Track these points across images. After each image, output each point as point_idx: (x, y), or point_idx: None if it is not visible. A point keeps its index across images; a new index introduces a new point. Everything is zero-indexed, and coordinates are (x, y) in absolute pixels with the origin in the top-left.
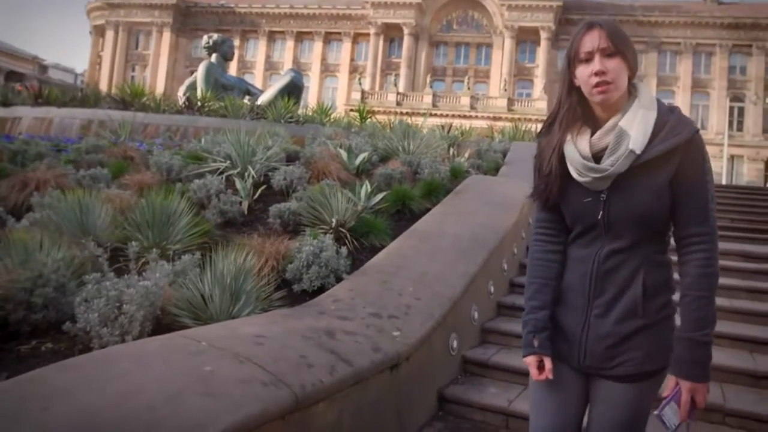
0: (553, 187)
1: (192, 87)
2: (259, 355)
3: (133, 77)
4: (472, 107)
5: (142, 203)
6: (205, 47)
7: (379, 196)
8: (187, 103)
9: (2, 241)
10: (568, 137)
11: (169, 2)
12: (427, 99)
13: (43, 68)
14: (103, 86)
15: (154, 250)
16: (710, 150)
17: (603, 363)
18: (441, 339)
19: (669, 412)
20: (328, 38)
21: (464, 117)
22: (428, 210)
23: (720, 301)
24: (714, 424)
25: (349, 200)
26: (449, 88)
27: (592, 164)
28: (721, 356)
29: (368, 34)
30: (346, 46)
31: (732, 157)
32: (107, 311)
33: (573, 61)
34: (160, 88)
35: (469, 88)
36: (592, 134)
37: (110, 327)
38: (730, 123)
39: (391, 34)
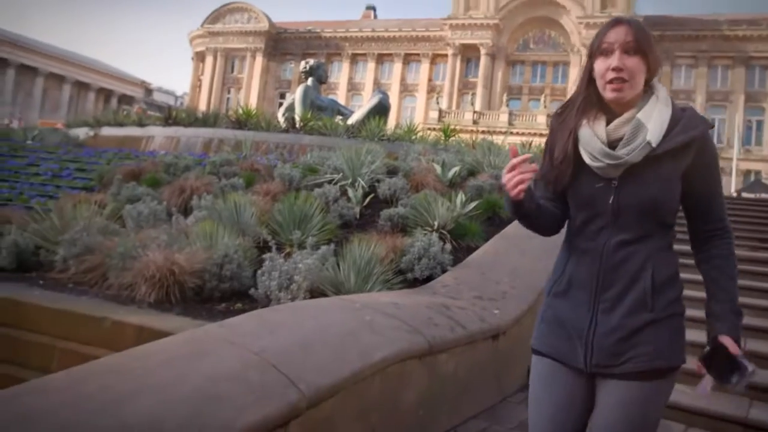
0: (566, 172)
1: (290, 108)
2: (399, 314)
3: (228, 99)
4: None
5: (278, 206)
6: (302, 71)
7: (473, 204)
8: (291, 122)
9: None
10: (584, 121)
11: (261, 29)
12: (504, 117)
13: (149, 91)
14: (202, 107)
15: (300, 238)
16: None
17: (611, 360)
18: (530, 321)
19: (743, 360)
20: (408, 59)
21: (541, 135)
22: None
23: None
24: None
25: (447, 207)
26: (525, 106)
27: (609, 150)
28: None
29: (446, 55)
30: (425, 66)
31: None
32: (282, 281)
33: (594, 53)
34: (250, 110)
35: (545, 106)
36: (608, 123)
37: (284, 292)
38: None
39: (468, 54)
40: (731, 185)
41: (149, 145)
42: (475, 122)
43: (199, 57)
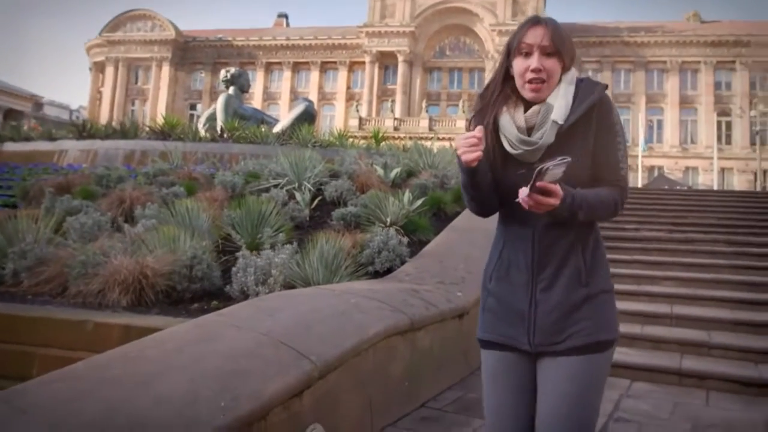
0: (496, 162)
1: (212, 118)
2: (378, 297)
3: (133, 111)
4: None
5: (227, 211)
6: (223, 80)
7: (419, 201)
8: (214, 132)
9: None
10: (504, 109)
11: (167, 38)
12: (424, 123)
13: (39, 105)
14: (103, 120)
15: (261, 238)
16: (701, 163)
17: (553, 337)
18: None
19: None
20: (325, 67)
21: None
22: (459, 212)
23: None
24: None
25: (396, 205)
26: (444, 112)
27: (525, 137)
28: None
29: (363, 63)
30: (342, 74)
31: (722, 170)
32: (258, 277)
33: (513, 52)
34: (161, 121)
35: (464, 112)
36: (525, 110)
37: (262, 287)
38: (719, 137)
39: (385, 61)
40: (638, 181)
41: (63, 159)
42: (396, 129)
43: (98, 67)
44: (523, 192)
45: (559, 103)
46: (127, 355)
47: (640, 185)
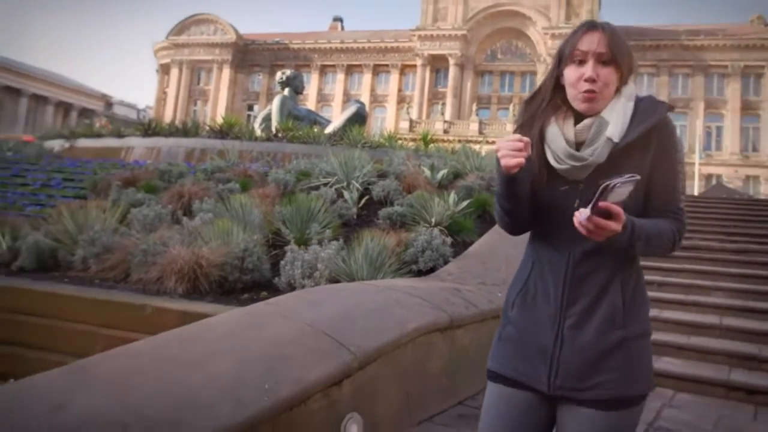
0: (539, 176)
1: (267, 118)
2: (420, 294)
3: (195, 111)
4: None
5: (278, 207)
6: (279, 82)
7: (465, 203)
8: (269, 132)
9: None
10: (552, 120)
11: (228, 41)
12: (474, 126)
13: (109, 105)
14: (167, 120)
15: (309, 234)
16: (762, 172)
17: (577, 382)
18: None
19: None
20: (377, 70)
21: None
22: None
23: None
24: None
25: (442, 206)
26: (494, 115)
27: (573, 151)
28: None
29: (415, 66)
30: (394, 77)
31: None
32: (305, 270)
33: (565, 59)
34: (220, 121)
35: (514, 115)
36: (576, 123)
37: (308, 280)
38: None
39: (437, 64)
40: (694, 189)
41: (129, 155)
42: (445, 131)
43: (164, 69)
44: (582, 214)
45: (616, 119)
46: (182, 337)
47: (696, 193)
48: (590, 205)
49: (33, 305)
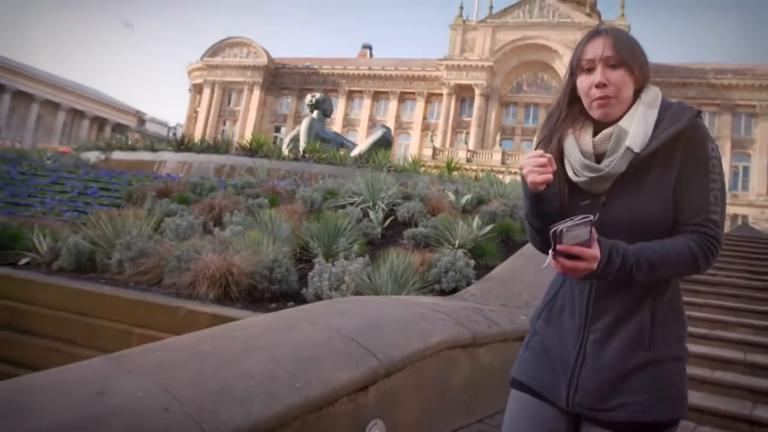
0: (563, 191)
1: (295, 139)
2: (443, 310)
3: (223, 130)
4: None
5: (306, 223)
6: (308, 104)
7: (488, 227)
8: (301, 152)
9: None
10: (570, 131)
11: (260, 64)
12: (497, 156)
13: (142, 121)
14: (197, 137)
15: (335, 249)
16: None
17: (597, 402)
18: None
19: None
20: (403, 98)
21: None
22: (526, 241)
23: None
24: None
25: (465, 229)
26: (518, 146)
27: (590, 162)
28: None
29: (441, 94)
30: (420, 105)
31: None
32: (332, 282)
33: (575, 70)
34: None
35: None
36: (595, 134)
37: (335, 292)
38: None
39: (462, 94)
40: None
41: (161, 168)
42: (468, 160)
43: (197, 89)
44: (548, 256)
45: (636, 127)
46: (215, 336)
47: None
48: (550, 250)
49: (74, 303)
